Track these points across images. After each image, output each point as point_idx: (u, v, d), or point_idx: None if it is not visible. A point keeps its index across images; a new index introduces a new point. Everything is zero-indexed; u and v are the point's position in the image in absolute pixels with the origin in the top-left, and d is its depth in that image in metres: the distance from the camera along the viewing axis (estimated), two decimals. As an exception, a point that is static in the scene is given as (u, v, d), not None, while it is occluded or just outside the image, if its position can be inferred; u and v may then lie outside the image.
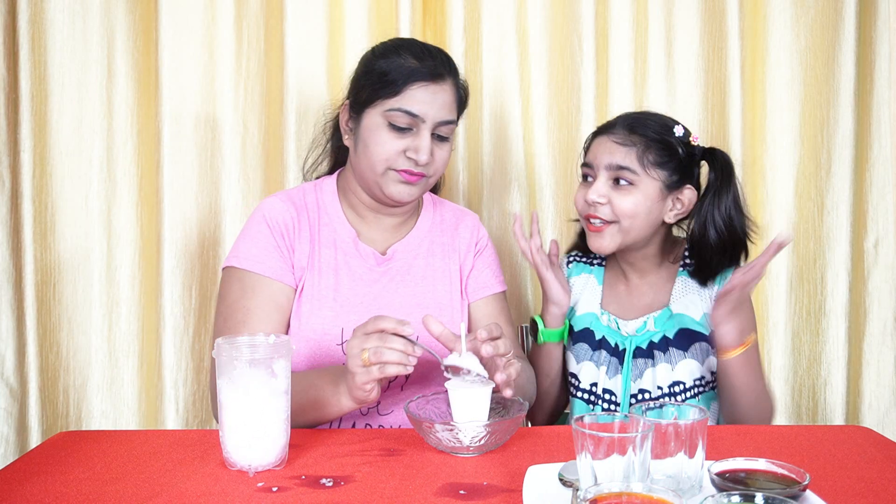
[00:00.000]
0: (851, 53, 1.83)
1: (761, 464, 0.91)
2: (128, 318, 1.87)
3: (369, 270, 1.39)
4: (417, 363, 1.12)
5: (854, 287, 1.88)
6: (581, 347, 1.50)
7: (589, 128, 1.83)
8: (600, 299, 1.53)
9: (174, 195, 1.82)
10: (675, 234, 1.52)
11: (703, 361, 1.42)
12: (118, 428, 1.86)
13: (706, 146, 1.45)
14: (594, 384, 1.46)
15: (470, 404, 1.11)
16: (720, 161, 1.43)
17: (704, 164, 1.46)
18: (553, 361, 1.51)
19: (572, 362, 1.51)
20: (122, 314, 1.87)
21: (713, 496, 0.78)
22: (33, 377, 1.80)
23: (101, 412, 1.87)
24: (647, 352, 1.43)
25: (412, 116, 1.30)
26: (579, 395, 1.48)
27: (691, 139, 1.42)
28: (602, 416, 0.92)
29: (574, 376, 1.50)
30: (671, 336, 1.43)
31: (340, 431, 1.22)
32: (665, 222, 1.44)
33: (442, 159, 1.36)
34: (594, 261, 1.58)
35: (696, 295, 1.44)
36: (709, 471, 0.90)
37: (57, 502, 0.93)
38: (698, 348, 1.42)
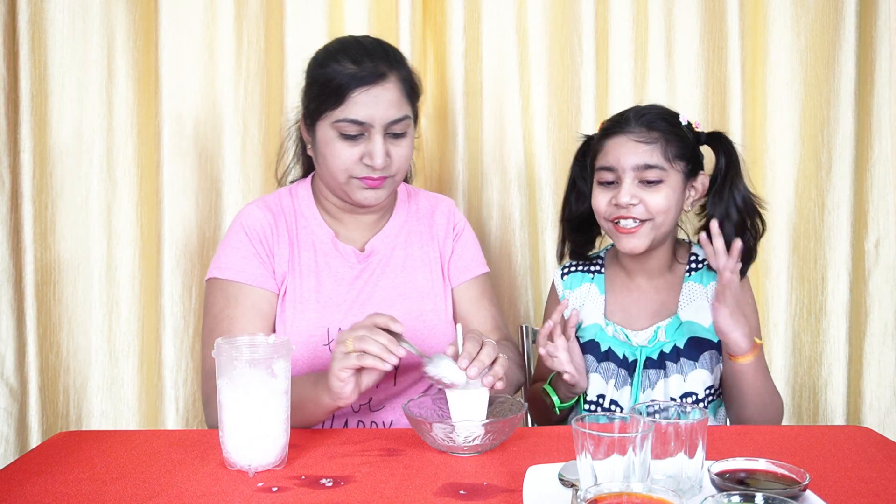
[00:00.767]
0: (852, 53, 1.83)
1: (761, 464, 0.91)
2: (128, 318, 1.87)
3: (350, 268, 1.40)
4: (410, 359, 1.12)
5: (855, 287, 1.88)
6: (587, 359, 1.46)
7: (589, 128, 1.84)
8: (604, 309, 1.49)
9: (174, 195, 1.82)
10: (680, 238, 1.51)
11: (713, 370, 1.40)
12: (118, 428, 1.86)
13: (707, 131, 1.47)
14: (601, 396, 1.43)
15: (467, 405, 1.11)
16: (726, 144, 1.44)
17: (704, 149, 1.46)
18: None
19: None
20: (122, 314, 1.87)
21: (713, 496, 0.78)
22: (33, 377, 1.80)
23: (101, 412, 1.87)
24: (658, 362, 1.41)
25: (359, 124, 1.28)
26: (585, 407, 1.45)
27: (694, 125, 1.44)
28: (602, 417, 0.92)
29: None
30: (681, 346, 1.41)
31: (340, 431, 1.22)
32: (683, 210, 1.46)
33: (402, 156, 1.34)
34: (592, 268, 1.55)
35: (704, 301, 1.43)
36: (709, 471, 0.90)
37: (57, 502, 0.93)
38: (708, 357, 1.40)
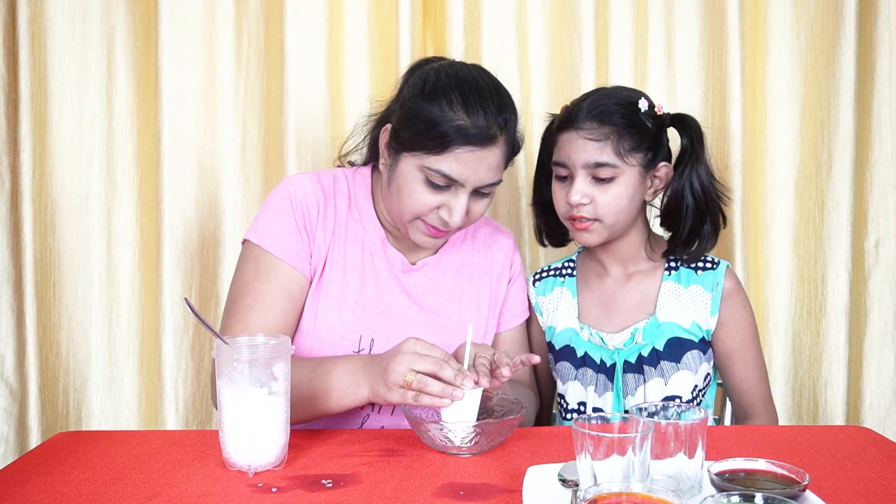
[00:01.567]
0: (852, 53, 1.82)
1: (761, 464, 0.91)
2: (128, 318, 1.87)
3: (394, 277, 1.34)
4: None
5: (854, 287, 1.87)
6: (564, 366, 1.44)
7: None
8: (577, 312, 1.46)
9: (174, 195, 1.81)
10: (658, 235, 1.49)
11: (697, 370, 1.38)
12: (118, 428, 1.86)
13: (672, 113, 1.42)
14: (582, 403, 1.41)
15: (456, 407, 1.10)
16: (691, 126, 1.39)
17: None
18: None
19: (558, 383, 1.47)
20: (122, 314, 1.87)
21: (713, 496, 0.78)
22: (33, 377, 1.80)
23: (101, 412, 1.87)
24: (637, 366, 1.38)
25: (452, 180, 1.20)
26: (569, 417, 1.43)
27: (657, 109, 1.38)
28: (602, 417, 0.92)
29: (562, 397, 1.46)
30: (661, 348, 1.38)
31: (340, 431, 1.21)
32: (645, 201, 1.42)
33: (478, 213, 1.27)
34: (563, 271, 1.52)
35: (684, 300, 1.40)
36: (709, 471, 0.90)
37: (57, 502, 0.93)
38: (690, 358, 1.38)
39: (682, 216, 1.39)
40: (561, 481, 0.94)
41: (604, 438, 0.84)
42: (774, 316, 1.91)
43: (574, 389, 1.42)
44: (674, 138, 1.43)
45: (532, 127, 1.90)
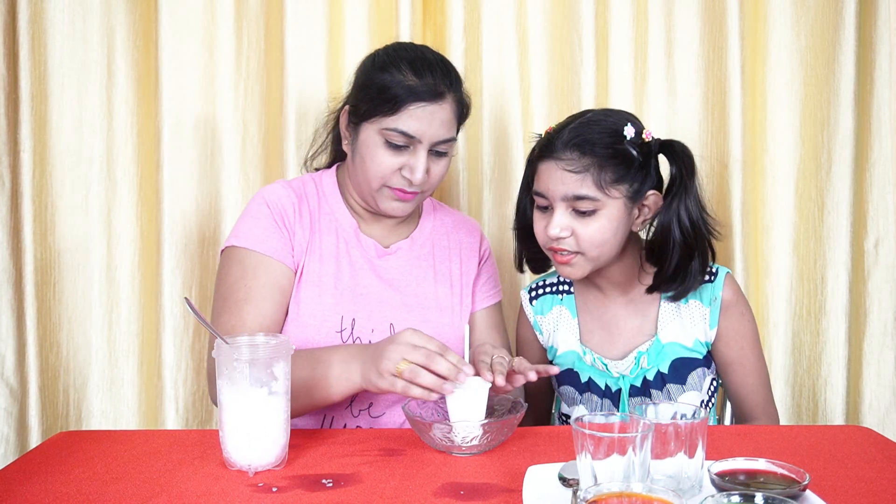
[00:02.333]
0: (851, 53, 1.83)
1: (761, 464, 0.91)
2: (128, 318, 1.87)
3: (369, 262, 1.39)
4: None
5: (854, 287, 1.87)
6: (568, 390, 1.42)
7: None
8: (578, 334, 1.42)
9: (174, 195, 1.81)
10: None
11: (702, 387, 1.36)
12: (118, 428, 1.86)
13: (662, 139, 1.34)
14: None
15: (464, 405, 1.11)
16: (680, 154, 1.31)
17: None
18: None
19: (563, 405, 1.46)
20: (122, 314, 1.87)
21: (713, 496, 0.78)
22: (33, 377, 1.80)
23: (101, 412, 1.87)
24: (643, 390, 1.37)
25: (408, 137, 1.28)
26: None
27: (644, 136, 1.30)
28: (602, 417, 0.92)
29: (567, 417, 1.46)
30: (665, 370, 1.35)
31: (340, 431, 1.22)
32: (632, 230, 1.35)
33: (438, 174, 1.34)
34: (560, 288, 1.48)
35: (684, 316, 1.37)
36: (709, 471, 0.90)
37: (57, 502, 0.93)
38: (696, 377, 1.36)
39: (669, 251, 1.31)
40: (561, 481, 0.94)
41: (604, 438, 0.84)
42: (774, 316, 1.91)
43: (579, 413, 1.40)
44: (666, 164, 1.36)
45: (532, 127, 1.90)
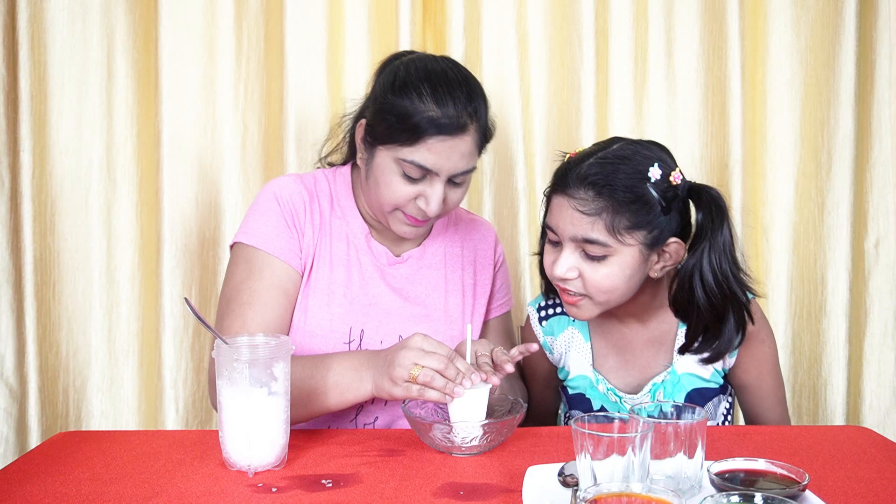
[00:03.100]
0: (851, 53, 1.83)
1: (761, 464, 0.91)
2: (128, 318, 1.87)
3: (379, 270, 1.36)
4: None
5: (854, 287, 1.88)
6: (577, 414, 1.37)
7: (589, 128, 1.84)
8: (591, 359, 1.35)
9: (174, 195, 1.81)
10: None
11: (717, 414, 1.32)
12: (118, 428, 1.86)
13: (693, 182, 1.22)
14: None
15: (465, 405, 1.10)
16: (708, 202, 1.19)
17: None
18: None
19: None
20: (122, 314, 1.87)
21: (713, 496, 0.78)
22: (33, 377, 1.80)
23: (101, 412, 1.87)
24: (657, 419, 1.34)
25: (426, 170, 1.22)
26: None
27: (672, 178, 1.18)
28: (602, 417, 0.92)
29: None
30: (681, 401, 1.23)
31: (340, 431, 1.21)
32: (650, 277, 1.24)
33: (454, 202, 1.28)
34: None
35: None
36: (708, 471, 0.90)
37: (57, 502, 0.93)
38: (711, 406, 1.30)
39: (693, 309, 1.20)
40: (561, 481, 0.94)
41: (604, 438, 0.84)
42: (774, 316, 1.91)
43: None
44: None
45: (532, 128, 1.90)
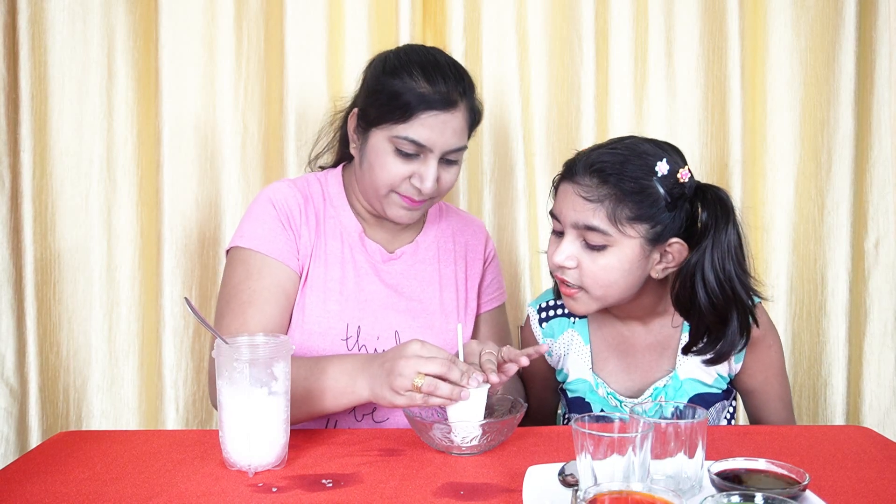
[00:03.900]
0: (851, 53, 1.83)
1: (761, 464, 0.91)
2: (128, 318, 1.87)
3: (373, 267, 1.37)
4: None
5: (854, 287, 1.88)
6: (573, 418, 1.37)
7: (589, 128, 1.84)
8: (591, 362, 1.33)
9: (174, 195, 1.81)
10: None
11: (720, 419, 1.31)
12: (118, 428, 1.86)
13: (699, 182, 1.22)
14: None
15: (464, 405, 1.10)
16: (713, 201, 1.19)
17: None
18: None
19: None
20: (122, 314, 1.87)
21: (713, 496, 0.78)
22: (33, 377, 1.80)
23: (101, 412, 1.87)
24: None
25: (419, 146, 1.25)
26: None
27: (679, 175, 1.17)
28: (602, 416, 0.92)
29: None
30: (682, 407, 1.23)
31: (340, 431, 1.21)
32: (652, 277, 1.22)
33: (449, 182, 1.31)
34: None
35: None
36: (709, 471, 0.90)
37: (57, 502, 0.93)
38: (713, 411, 1.29)
39: (695, 310, 1.18)
40: (561, 480, 0.94)
41: (604, 438, 0.84)
42: (774, 316, 1.90)
43: None
44: None
45: (532, 128, 1.90)
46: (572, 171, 1.21)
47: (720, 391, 1.31)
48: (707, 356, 1.24)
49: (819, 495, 0.88)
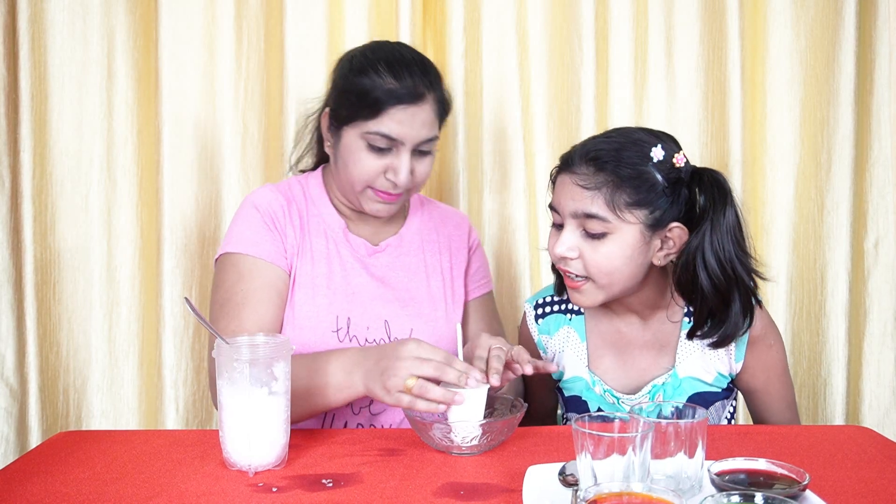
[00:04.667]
0: (851, 53, 1.83)
1: (761, 464, 0.91)
2: (128, 318, 1.87)
3: (359, 261, 1.39)
4: None
5: (854, 287, 1.88)
6: (574, 416, 1.34)
7: (589, 128, 1.84)
8: (587, 360, 1.33)
9: (174, 195, 1.82)
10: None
11: (720, 418, 1.31)
12: (118, 428, 1.86)
13: (695, 167, 1.22)
14: None
15: (464, 405, 1.10)
16: (710, 184, 1.19)
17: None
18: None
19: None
20: (122, 314, 1.87)
21: (713, 496, 0.78)
22: (33, 377, 1.80)
23: (101, 412, 1.87)
24: None
25: (391, 139, 1.28)
26: None
27: (675, 160, 1.18)
28: (602, 416, 0.92)
29: None
30: (681, 406, 1.22)
31: (340, 431, 1.22)
32: (654, 265, 1.23)
33: (423, 173, 1.34)
34: (570, 307, 1.37)
35: (706, 352, 1.27)
36: (709, 471, 0.90)
37: (57, 502, 0.93)
38: (713, 410, 1.29)
39: (697, 293, 1.19)
40: (561, 480, 0.94)
41: (604, 438, 0.84)
42: (774, 315, 1.89)
43: None
44: None
45: (532, 128, 1.90)
46: (569, 162, 1.21)
47: (720, 390, 1.31)
48: (712, 339, 1.24)
49: (819, 495, 0.88)
